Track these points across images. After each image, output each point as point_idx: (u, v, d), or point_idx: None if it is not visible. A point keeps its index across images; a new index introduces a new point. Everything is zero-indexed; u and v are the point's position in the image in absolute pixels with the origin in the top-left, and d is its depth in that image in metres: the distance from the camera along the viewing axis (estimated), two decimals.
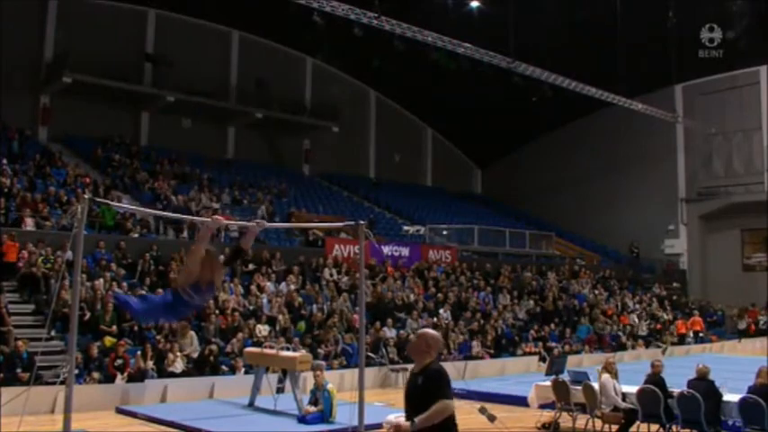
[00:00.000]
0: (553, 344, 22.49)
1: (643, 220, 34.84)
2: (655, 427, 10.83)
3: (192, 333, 16.34)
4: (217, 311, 17.56)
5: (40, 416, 11.94)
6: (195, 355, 15.84)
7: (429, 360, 5.17)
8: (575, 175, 36.39)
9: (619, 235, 35.36)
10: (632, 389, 11.30)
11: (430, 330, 5.40)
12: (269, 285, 19.85)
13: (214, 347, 16.05)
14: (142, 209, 15.62)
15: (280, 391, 14.02)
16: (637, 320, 26.95)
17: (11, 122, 23.80)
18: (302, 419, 12.37)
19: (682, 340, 27.40)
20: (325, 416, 12.35)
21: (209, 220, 7.23)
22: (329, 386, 12.65)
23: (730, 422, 10.49)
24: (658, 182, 34.96)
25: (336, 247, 23.96)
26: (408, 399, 5.17)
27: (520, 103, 30.91)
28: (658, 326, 27.43)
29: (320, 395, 12.53)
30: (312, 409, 12.48)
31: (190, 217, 17.36)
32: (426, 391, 4.95)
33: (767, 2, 25.47)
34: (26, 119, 25.70)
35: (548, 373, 13.10)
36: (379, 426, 10.72)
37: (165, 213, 19.06)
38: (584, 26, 28.24)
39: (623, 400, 11.16)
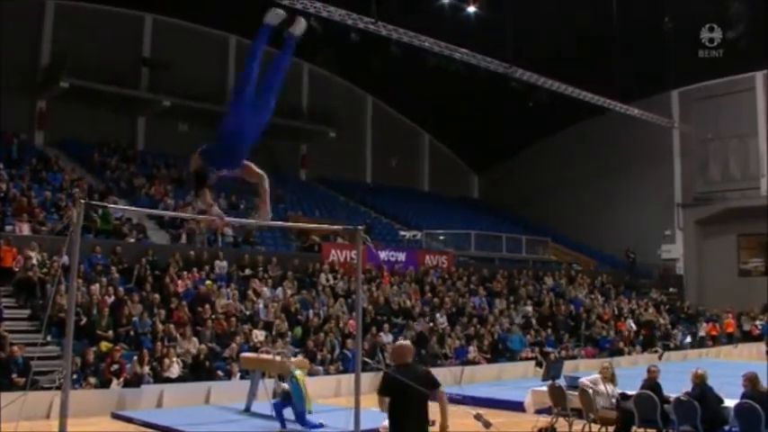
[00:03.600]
0: (550, 349, 22.49)
1: (639, 226, 34.84)
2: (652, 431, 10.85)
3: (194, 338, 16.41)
4: (213, 316, 17.56)
5: (36, 421, 11.89)
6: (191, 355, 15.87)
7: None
8: (571, 180, 36.38)
9: (615, 240, 35.33)
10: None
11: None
12: (265, 290, 19.84)
13: (203, 347, 16.05)
14: (140, 209, 15.61)
15: (276, 396, 14.00)
16: (634, 326, 26.94)
17: (7, 127, 23.77)
18: (300, 418, 12.26)
19: (730, 339, 28.61)
20: (296, 405, 12.18)
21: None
22: (297, 372, 12.51)
23: (726, 428, 10.49)
24: (655, 187, 34.98)
25: (333, 252, 23.95)
26: None
27: (516, 109, 30.91)
28: (643, 331, 27.29)
29: (287, 380, 12.46)
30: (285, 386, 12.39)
31: (191, 216, 17.30)
32: None
33: (763, 7, 25.49)
34: (22, 123, 25.67)
35: (544, 379, 13.09)
36: (376, 431, 10.70)
37: (163, 212, 19.01)
38: (580, 32, 28.31)
39: (618, 404, 11.17)
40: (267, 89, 6.42)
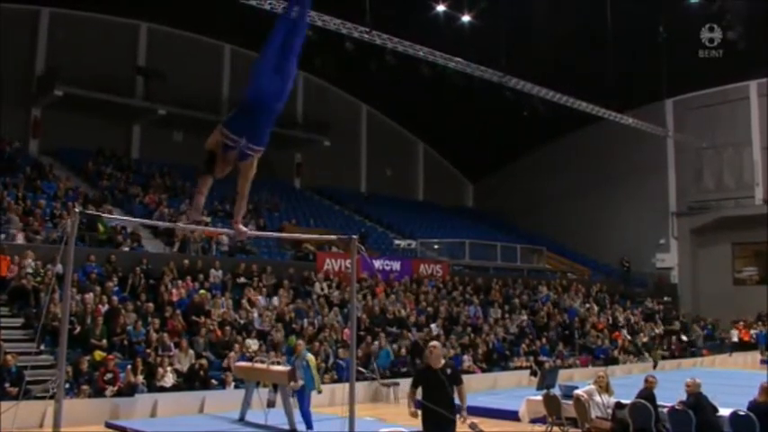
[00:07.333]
0: (544, 358, 22.48)
1: (634, 234, 34.95)
2: None
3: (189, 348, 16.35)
4: (211, 326, 17.48)
5: (30, 430, 11.87)
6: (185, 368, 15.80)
7: None
8: (566, 189, 36.46)
9: (610, 249, 35.43)
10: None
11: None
12: (260, 299, 19.78)
13: (204, 362, 15.99)
14: (133, 219, 15.57)
15: (270, 405, 13.97)
16: (629, 335, 26.94)
17: (2, 135, 23.73)
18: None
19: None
20: (307, 388, 12.61)
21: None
22: (308, 356, 12.97)
23: None
24: (649, 196, 35.09)
25: (328, 261, 23.89)
26: None
27: (511, 118, 30.98)
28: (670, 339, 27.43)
29: (299, 364, 12.77)
30: (297, 384, 12.63)
31: (200, 227, 17.25)
32: None
33: (758, 16, 25.59)
34: (17, 132, 25.61)
35: (539, 388, 13.10)
36: None
37: (157, 223, 18.94)
38: (575, 41, 28.37)
39: (613, 413, 11.16)
40: (289, 50, 6.04)
